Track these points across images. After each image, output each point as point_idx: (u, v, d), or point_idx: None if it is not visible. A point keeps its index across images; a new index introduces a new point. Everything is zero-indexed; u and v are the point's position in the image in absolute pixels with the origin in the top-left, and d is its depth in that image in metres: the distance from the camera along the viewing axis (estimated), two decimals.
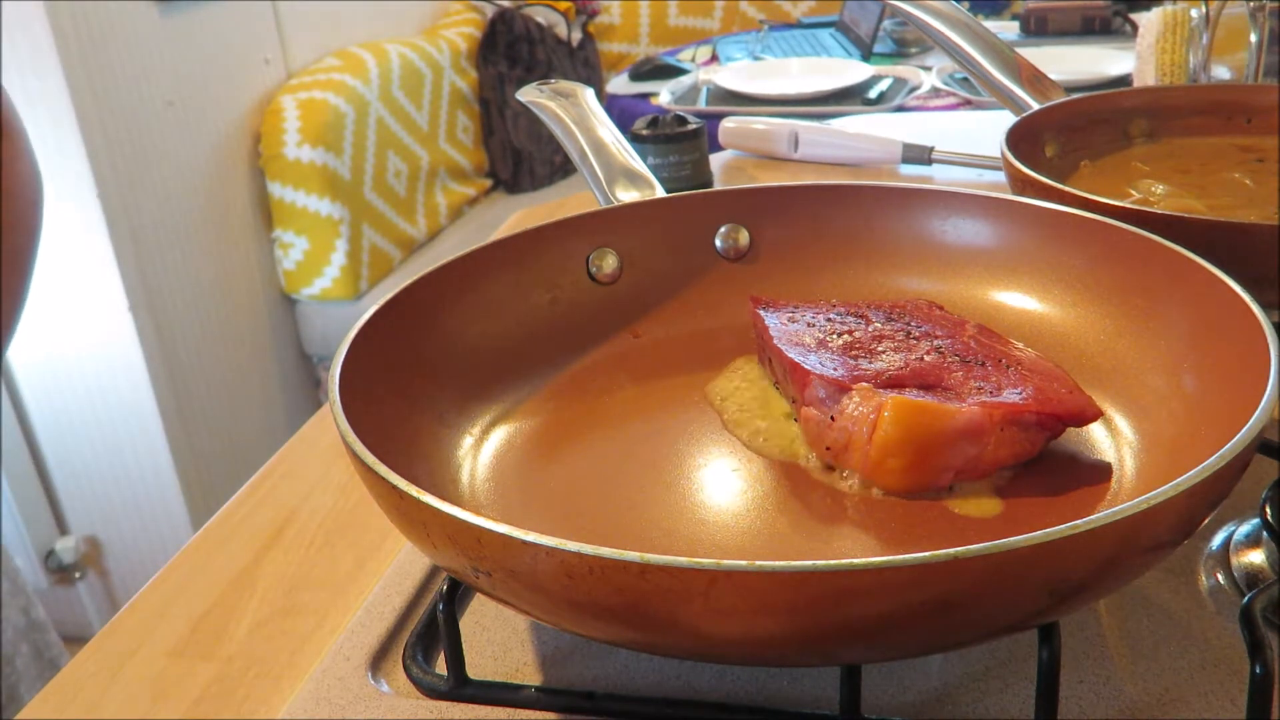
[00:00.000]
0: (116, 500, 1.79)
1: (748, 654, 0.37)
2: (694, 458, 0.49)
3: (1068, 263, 0.55)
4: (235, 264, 1.90)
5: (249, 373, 1.94)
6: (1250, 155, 0.73)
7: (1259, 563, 0.46)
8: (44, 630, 0.97)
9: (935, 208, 0.59)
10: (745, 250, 0.61)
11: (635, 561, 0.31)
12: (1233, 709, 0.40)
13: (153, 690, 0.47)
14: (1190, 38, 0.92)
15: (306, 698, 0.44)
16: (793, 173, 1.05)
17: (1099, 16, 1.79)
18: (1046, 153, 0.74)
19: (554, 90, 0.72)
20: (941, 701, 0.41)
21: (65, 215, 1.60)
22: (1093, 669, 0.42)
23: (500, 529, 0.33)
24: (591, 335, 0.58)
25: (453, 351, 0.53)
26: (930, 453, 0.44)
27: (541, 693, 0.43)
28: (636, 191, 0.63)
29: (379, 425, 0.43)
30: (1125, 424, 0.48)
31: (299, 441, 0.66)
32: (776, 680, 0.43)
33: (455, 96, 2.37)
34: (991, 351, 0.49)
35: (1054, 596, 0.33)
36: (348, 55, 2.11)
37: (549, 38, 2.53)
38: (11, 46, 1.52)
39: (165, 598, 0.53)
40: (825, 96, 1.66)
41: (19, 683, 0.93)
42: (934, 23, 0.82)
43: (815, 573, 0.30)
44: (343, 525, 0.57)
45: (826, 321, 0.53)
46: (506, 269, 0.57)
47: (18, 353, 1.71)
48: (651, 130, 0.95)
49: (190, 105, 1.78)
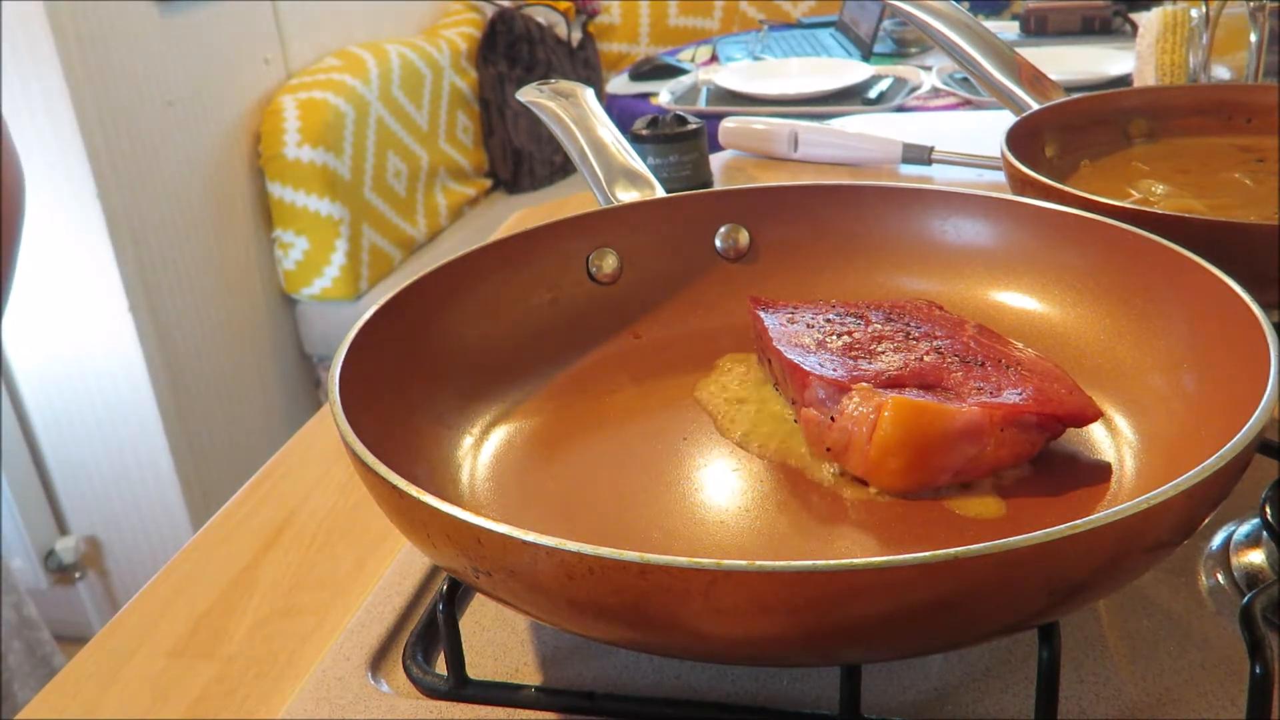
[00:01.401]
0: (116, 500, 1.79)
1: (748, 654, 0.37)
2: (694, 458, 0.49)
3: (1068, 263, 0.55)
4: (235, 264, 1.90)
5: (249, 373, 1.94)
6: (1250, 155, 0.73)
7: (1259, 563, 0.46)
8: (36, 628, 0.98)
9: (935, 208, 0.59)
10: (745, 250, 0.61)
11: (635, 561, 0.31)
12: (1233, 709, 0.40)
13: (153, 690, 0.47)
14: (1190, 38, 0.93)
15: (306, 698, 0.44)
16: (793, 173, 1.05)
17: (1099, 16, 1.79)
18: (1046, 153, 0.74)
19: (554, 90, 0.73)
20: (941, 701, 0.41)
21: (65, 215, 1.60)
22: (1093, 669, 0.42)
23: (500, 529, 0.33)
24: (591, 335, 0.58)
25: (453, 351, 0.53)
26: (930, 453, 0.44)
27: (541, 693, 0.43)
28: (636, 191, 0.63)
29: (379, 425, 0.43)
30: (1125, 424, 0.48)
31: (299, 441, 0.66)
32: (776, 680, 0.43)
33: (455, 96, 2.37)
34: (991, 352, 0.49)
35: (1054, 596, 0.33)
36: (348, 55, 2.11)
37: (549, 38, 2.53)
38: (11, 46, 1.52)
39: (165, 598, 0.53)
40: (825, 96, 1.66)
41: (12, 679, 0.93)
42: (934, 23, 0.82)
43: (815, 573, 0.30)
44: (343, 525, 0.57)
45: (826, 322, 0.53)
46: (506, 269, 0.57)
47: (18, 353, 1.71)
48: (651, 130, 0.95)
49: (190, 105, 1.78)
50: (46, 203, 1.59)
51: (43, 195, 1.58)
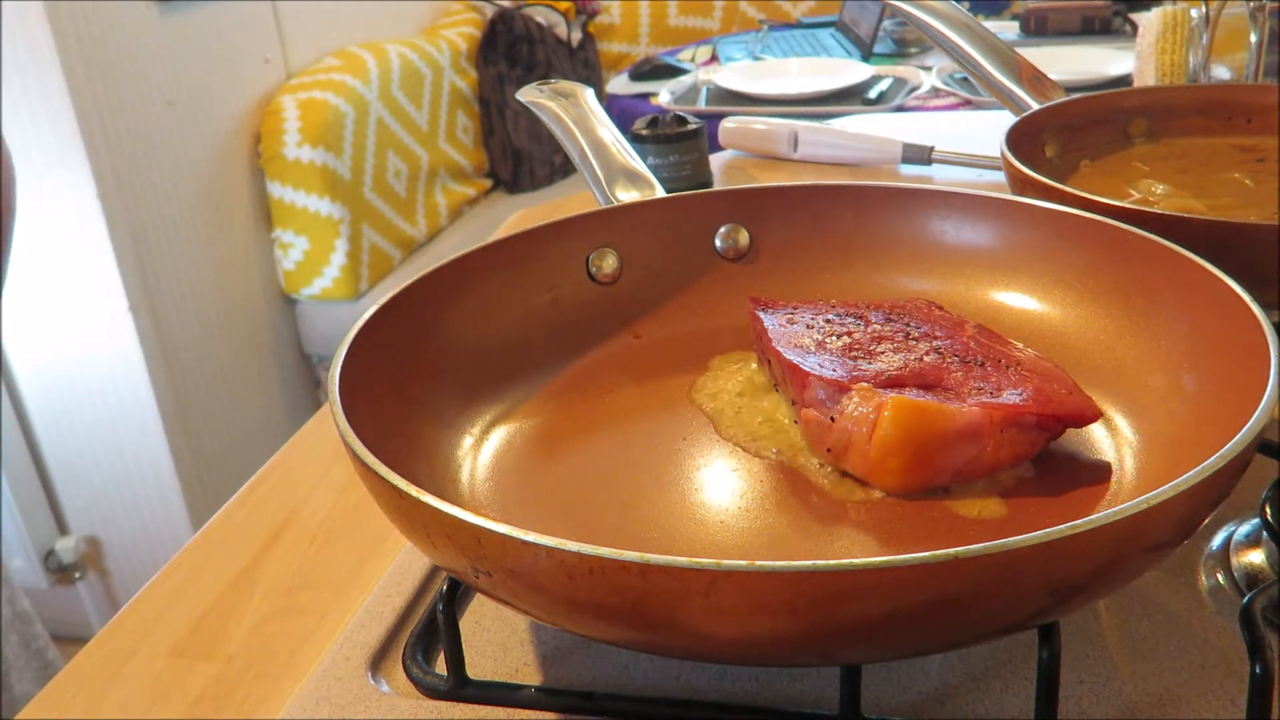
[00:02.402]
0: (116, 500, 1.79)
1: (748, 654, 0.37)
2: (694, 458, 0.49)
3: (1068, 263, 0.55)
4: (235, 264, 1.90)
5: (249, 373, 1.94)
6: (1250, 155, 0.73)
7: (1259, 563, 0.46)
8: (30, 621, 0.98)
9: (935, 208, 0.59)
10: (745, 250, 0.61)
11: (635, 561, 0.31)
12: (1233, 709, 0.40)
13: (153, 690, 0.47)
14: (1190, 38, 0.92)
15: (306, 698, 0.44)
16: (793, 173, 1.05)
17: (1099, 16, 1.79)
18: (1046, 153, 0.74)
19: (554, 90, 0.73)
20: (941, 701, 0.41)
21: (65, 215, 1.60)
22: (1093, 669, 0.42)
23: (500, 529, 0.33)
24: (591, 335, 0.58)
25: (453, 351, 0.53)
26: (930, 453, 0.44)
27: (541, 693, 0.43)
28: (636, 191, 0.63)
29: (379, 425, 0.43)
30: (1125, 424, 0.48)
31: (299, 441, 0.66)
32: (776, 680, 0.43)
33: (455, 96, 2.37)
34: (991, 352, 0.49)
35: (1054, 596, 0.33)
36: (348, 55, 2.11)
37: (549, 38, 2.53)
38: (11, 46, 1.52)
39: (165, 598, 0.53)
40: (825, 96, 1.66)
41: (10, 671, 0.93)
42: (934, 23, 0.82)
43: (816, 573, 0.30)
44: (343, 525, 0.57)
45: (825, 322, 0.53)
46: (506, 269, 0.57)
47: (18, 353, 1.71)
48: (651, 130, 0.95)
49: (190, 105, 1.78)
50: (46, 203, 1.59)
51: (43, 195, 1.58)
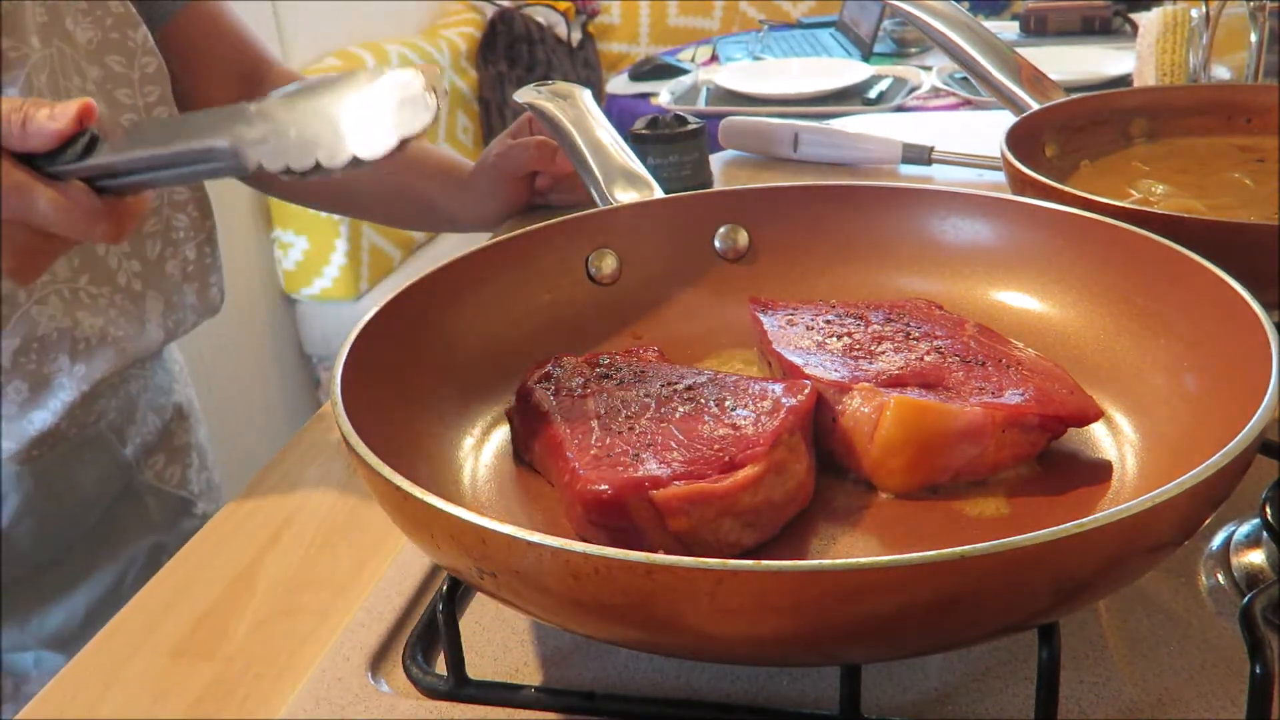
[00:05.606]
0: None
1: (752, 654, 0.37)
2: None
3: (1068, 263, 0.55)
4: (235, 264, 1.90)
5: (249, 373, 1.94)
6: (1250, 155, 0.73)
7: (1259, 563, 0.46)
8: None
9: (935, 208, 0.59)
10: (745, 251, 0.61)
11: (641, 562, 0.31)
12: (1233, 709, 0.40)
13: (153, 690, 0.47)
14: (1190, 38, 0.93)
15: (306, 698, 0.44)
16: (793, 173, 1.05)
17: (1099, 16, 1.79)
18: (1046, 153, 0.74)
19: (552, 92, 0.73)
20: (941, 701, 0.41)
21: None
22: (1093, 669, 0.42)
23: (505, 530, 0.33)
24: (591, 335, 0.58)
25: (453, 351, 0.53)
26: (932, 453, 0.44)
27: (541, 693, 0.43)
28: (635, 192, 0.63)
29: (381, 426, 0.43)
30: (1126, 423, 0.48)
31: (299, 441, 0.66)
32: (776, 680, 0.42)
33: (455, 96, 2.37)
34: (992, 351, 0.49)
35: (1057, 595, 0.33)
36: (348, 55, 2.10)
37: (549, 38, 2.53)
38: None
39: (165, 598, 0.53)
40: (825, 96, 1.66)
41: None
42: (934, 23, 0.83)
43: (822, 572, 0.30)
44: (343, 525, 0.57)
45: (825, 323, 0.53)
46: (506, 269, 0.57)
47: None
48: (651, 130, 0.95)
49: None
50: None
51: None
